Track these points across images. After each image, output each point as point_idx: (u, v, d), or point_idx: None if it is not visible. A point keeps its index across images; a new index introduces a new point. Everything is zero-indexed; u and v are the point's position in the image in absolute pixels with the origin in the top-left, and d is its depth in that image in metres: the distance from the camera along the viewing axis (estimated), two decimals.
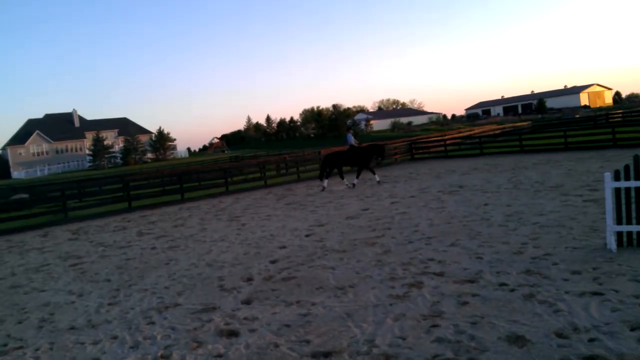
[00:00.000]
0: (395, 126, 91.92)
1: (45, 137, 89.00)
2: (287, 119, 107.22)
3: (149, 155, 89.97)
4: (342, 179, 18.56)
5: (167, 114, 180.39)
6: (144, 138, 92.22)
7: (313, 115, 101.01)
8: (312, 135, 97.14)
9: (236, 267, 8.14)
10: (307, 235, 10.08)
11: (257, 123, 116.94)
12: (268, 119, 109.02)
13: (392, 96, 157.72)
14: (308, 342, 4.88)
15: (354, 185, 17.79)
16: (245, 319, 5.72)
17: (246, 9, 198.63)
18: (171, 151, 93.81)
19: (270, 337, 5.09)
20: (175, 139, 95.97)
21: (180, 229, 12.87)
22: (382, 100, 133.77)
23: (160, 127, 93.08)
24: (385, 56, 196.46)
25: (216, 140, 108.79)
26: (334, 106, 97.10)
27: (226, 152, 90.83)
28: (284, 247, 9.26)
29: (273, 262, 8.22)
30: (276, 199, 17.27)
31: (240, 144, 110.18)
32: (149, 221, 14.99)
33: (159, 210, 17.55)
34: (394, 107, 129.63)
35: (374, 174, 18.40)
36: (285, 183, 22.59)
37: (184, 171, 27.22)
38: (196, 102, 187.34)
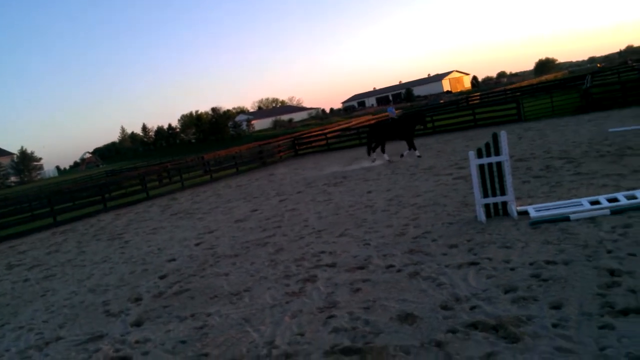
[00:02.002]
0: (276, 124, 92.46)
1: None
2: (165, 126, 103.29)
3: (13, 178, 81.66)
4: (383, 152, 17.63)
5: (29, 132, 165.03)
6: (4, 160, 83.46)
7: (192, 120, 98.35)
8: (193, 141, 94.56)
9: (122, 289, 7.66)
10: (196, 244, 9.79)
11: (132, 133, 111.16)
12: (144, 127, 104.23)
13: (272, 95, 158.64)
14: (206, 355, 4.73)
15: (419, 157, 16.45)
16: (136, 342, 5.40)
17: (112, 15, 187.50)
18: (38, 172, 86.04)
19: (166, 357, 4.86)
20: (41, 158, 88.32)
21: (55, 255, 11.84)
22: (262, 99, 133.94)
23: (22, 147, 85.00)
24: (261, 55, 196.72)
25: (88, 155, 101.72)
26: (213, 109, 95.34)
27: (101, 166, 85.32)
28: (174, 259, 8.90)
29: (162, 277, 7.86)
30: (161, 210, 16.55)
31: (116, 157, 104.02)
32: (18, 251, 13.59)
33: (29, 238, 15.98)
34: (274, 105, 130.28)
35: (415, 148, 16.92)
36: (169, 192, 21.72)
37: (54, 192, 25.05)
38: (61, 115, 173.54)
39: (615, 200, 7.05)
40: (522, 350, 3.74)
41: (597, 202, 7.10)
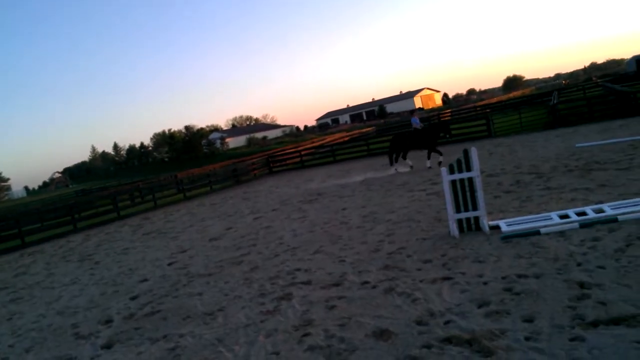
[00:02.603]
0: (250, 142, 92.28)
1: None
2: (137, 144, 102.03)
3: None
4: (405, 159, 17.50)
5: None
6: None
7: (165, 139, 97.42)
8: (166, 159, 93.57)
9: (92, 311, 7.46)
10: (169, 264, 9.62)
11: (103, 152, 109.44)
12: (116, 146, 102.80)
13: (245, 112, 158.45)
14: None
15: (429, 167, 16.39)
16: None
17: (82, 30, 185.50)
18: (5, 192, 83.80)
19: None
20: (8, 179, 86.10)
21: (22, 277, 11.48)
22: (236, 117, 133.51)
23: None
24: (234, 73, 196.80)
25: (58, 175, 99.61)
26: (187, 127, 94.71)
27: (71, 186, 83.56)
28: (145, 280, 8.72)
29: (134, 298, 7.68)
30: (132, 230, 16.25)
31: (87, 176, 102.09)
32: None
33: None
34: (248, 123, 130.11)
35: (441, 154, 16.64)
36: (141, 212, 21.38)
37: (22, 212, 24.39)
38: (30, 134, 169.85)
39: (584, 214, 7.22)
40: None
41: (566, 216, 7.26)
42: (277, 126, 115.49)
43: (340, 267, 7.09)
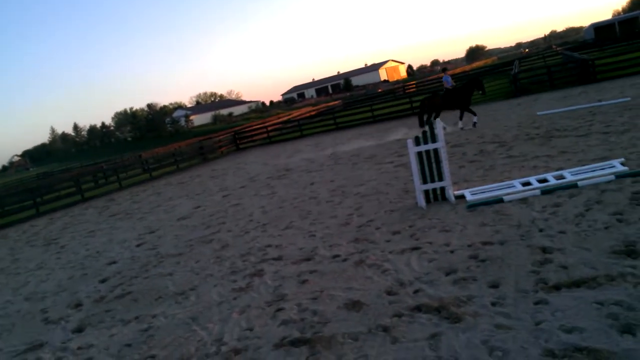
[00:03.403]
0: (216, 119, 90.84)
1: None
2: (98, 124, 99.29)
3: None
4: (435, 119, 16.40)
5: None
6: None
7: (127, 118, 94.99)
8: (129, 139, 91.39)
9: (60, 295, 7.34)
10: (138, 245, 9.51)
11: (63, 133, 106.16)
12: (76, 127, 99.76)
13: (210, 89, 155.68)
14: (153, 357, 4.63)
15: (461, 129, 15.35)
16: (79, 348, 5.21)
17: (39, 8, 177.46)
18: None
19: None
20: None
21: None
22: (200, 94, 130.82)
23: None
24: (196, 49, 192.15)
25: (17, 158, 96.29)
26: (149, 105, 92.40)
27: (31, 169, 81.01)
28: (114, 262, 8.61)
29: (103, 281, 7.59)
30: (98, 212, 15.93)
31: (48, 159, 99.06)
32: None
33: None
34: (213, 99, 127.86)
35: (475, 114, 15.53)
36: (106, 194, 20.95)
37: None
38: None
39: (545, 180, 7.44)
40: (464, 329, 3.90)
41: (528, 184, 7.47)
42: (242, 102, 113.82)
43: (310, 242, 7.15)
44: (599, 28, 61.09)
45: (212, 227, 9.62)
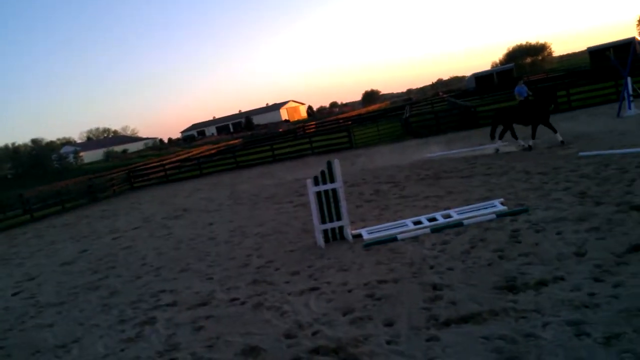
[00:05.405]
0: (109, 156, 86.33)
1: None
2: None
3: None
4: (516, 138, 14.00)
5: None
6: None
7: (8, 154, 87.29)
8: (9, 176, 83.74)
9: None
10: (14, 294, 8.61)
11: None
12: None
13: (102, 124, 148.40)
14: None
15: (530, 147, 13.28)
16: None
17: None
18: None
19: None
20: None
21: None
22: (91, 129, 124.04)
23: None
24: (88, 82, 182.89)
25: None
26: (34, 141, 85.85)
27: None
28: None
29: None
30: None
31: None
32: None
33: None
34: (106, 135, 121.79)
35: (556, 131, 13.22)
36: None
37: None
38: None
39: (434, 219, 7.86)
40: None
41: (419, 222, 7.85)
42: (138, 139, 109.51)
43: (208, 285, 6.90)
44: (480, 77, 67.00)
45: (99, 272, 8.98)
